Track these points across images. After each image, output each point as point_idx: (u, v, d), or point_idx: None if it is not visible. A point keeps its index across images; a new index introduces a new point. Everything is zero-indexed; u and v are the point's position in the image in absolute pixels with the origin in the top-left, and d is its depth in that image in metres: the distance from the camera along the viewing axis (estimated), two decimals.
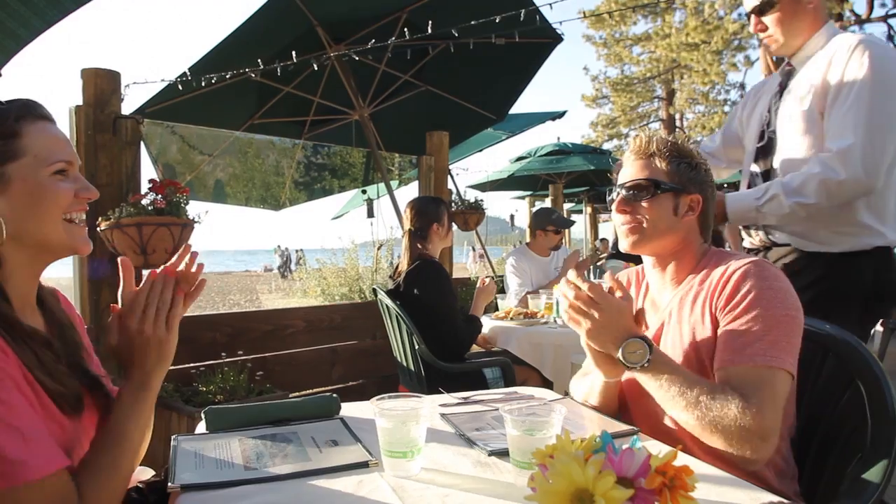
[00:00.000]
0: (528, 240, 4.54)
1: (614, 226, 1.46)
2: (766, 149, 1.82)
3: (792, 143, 1.75)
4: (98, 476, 0.91)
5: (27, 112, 0.95)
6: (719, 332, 1.25)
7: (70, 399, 0.93)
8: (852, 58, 1.62)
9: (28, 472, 0.79)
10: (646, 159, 1.42)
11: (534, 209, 4.62)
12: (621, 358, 1.21)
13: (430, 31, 3.54)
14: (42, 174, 0.94)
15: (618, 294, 1.27)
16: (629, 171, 1.44)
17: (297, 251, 28.60)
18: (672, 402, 1.19)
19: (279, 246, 30.04)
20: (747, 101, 2.05)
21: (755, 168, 1.86)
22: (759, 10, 1.79)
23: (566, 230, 4.34)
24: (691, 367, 1.29)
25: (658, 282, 1.46)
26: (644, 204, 1.39)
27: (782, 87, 1.84)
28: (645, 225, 1.39)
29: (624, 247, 1.45)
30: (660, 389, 1.20)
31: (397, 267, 3.10)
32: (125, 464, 0.96)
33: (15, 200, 0.92)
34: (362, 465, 1.06)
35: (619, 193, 1.43)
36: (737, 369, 1.18)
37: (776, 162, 1.80)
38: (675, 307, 1.38)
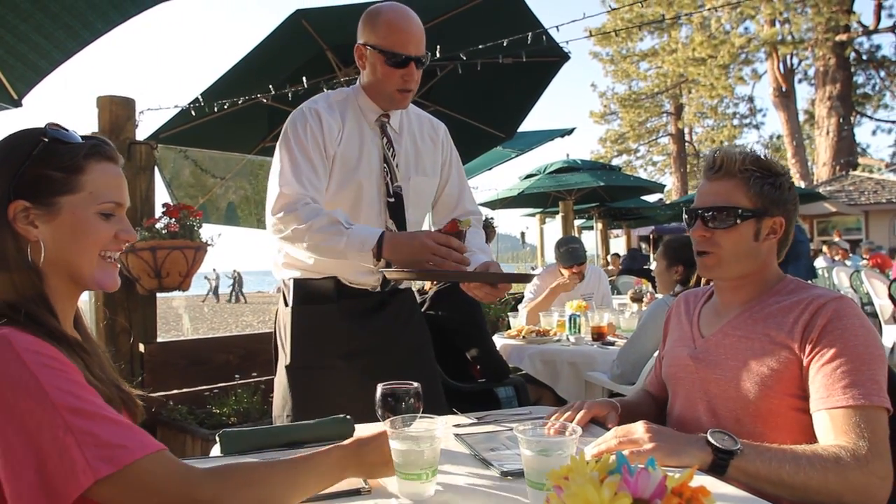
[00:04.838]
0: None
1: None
2: (396, 205, 1.79)
3: (419, 203, 1.89)
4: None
5: (96, 151, 0.99)
6: (813, 368, 1.20)
7: (116, 404, 0.95)
8: (447, 136, 1.95)
9: (127, 455, 0.81)
10: (723, 180, 1.32)
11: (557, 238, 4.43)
12: (714, 442, 1.09)
13: (437, 53, 3.59)
14: (90, 211, 0.97)
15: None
16: (706, 191, 1.35)
17: (233, 273, 27.68)
18: (784, 474, 1.08)
19: (214, 269, 28.45)
20: (317, 134, 1.70)
21: (391, 224, 1.80)
22: (419, 63, 1.69)
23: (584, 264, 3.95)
24: (749, 379, 1.25)
25: (727, 295, 1.40)
26: (723, 232, 1.31)
27: (389, 140, 1.79)
28: (723, 253, 1.32)
29: (701, 272, 1.39)
30: (767, 465, 1.08)
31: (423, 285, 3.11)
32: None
33: (58, 230, 0.95)
34: (353, 493, 1.04)
35: (695, 217, 1.35)
36: (841, 411, 1.13)
37: (409, 218, 1.83)
38: (745, 318, 1.32)
